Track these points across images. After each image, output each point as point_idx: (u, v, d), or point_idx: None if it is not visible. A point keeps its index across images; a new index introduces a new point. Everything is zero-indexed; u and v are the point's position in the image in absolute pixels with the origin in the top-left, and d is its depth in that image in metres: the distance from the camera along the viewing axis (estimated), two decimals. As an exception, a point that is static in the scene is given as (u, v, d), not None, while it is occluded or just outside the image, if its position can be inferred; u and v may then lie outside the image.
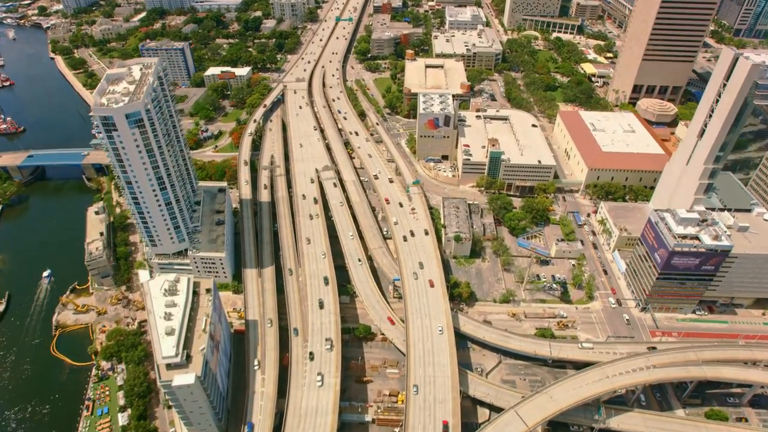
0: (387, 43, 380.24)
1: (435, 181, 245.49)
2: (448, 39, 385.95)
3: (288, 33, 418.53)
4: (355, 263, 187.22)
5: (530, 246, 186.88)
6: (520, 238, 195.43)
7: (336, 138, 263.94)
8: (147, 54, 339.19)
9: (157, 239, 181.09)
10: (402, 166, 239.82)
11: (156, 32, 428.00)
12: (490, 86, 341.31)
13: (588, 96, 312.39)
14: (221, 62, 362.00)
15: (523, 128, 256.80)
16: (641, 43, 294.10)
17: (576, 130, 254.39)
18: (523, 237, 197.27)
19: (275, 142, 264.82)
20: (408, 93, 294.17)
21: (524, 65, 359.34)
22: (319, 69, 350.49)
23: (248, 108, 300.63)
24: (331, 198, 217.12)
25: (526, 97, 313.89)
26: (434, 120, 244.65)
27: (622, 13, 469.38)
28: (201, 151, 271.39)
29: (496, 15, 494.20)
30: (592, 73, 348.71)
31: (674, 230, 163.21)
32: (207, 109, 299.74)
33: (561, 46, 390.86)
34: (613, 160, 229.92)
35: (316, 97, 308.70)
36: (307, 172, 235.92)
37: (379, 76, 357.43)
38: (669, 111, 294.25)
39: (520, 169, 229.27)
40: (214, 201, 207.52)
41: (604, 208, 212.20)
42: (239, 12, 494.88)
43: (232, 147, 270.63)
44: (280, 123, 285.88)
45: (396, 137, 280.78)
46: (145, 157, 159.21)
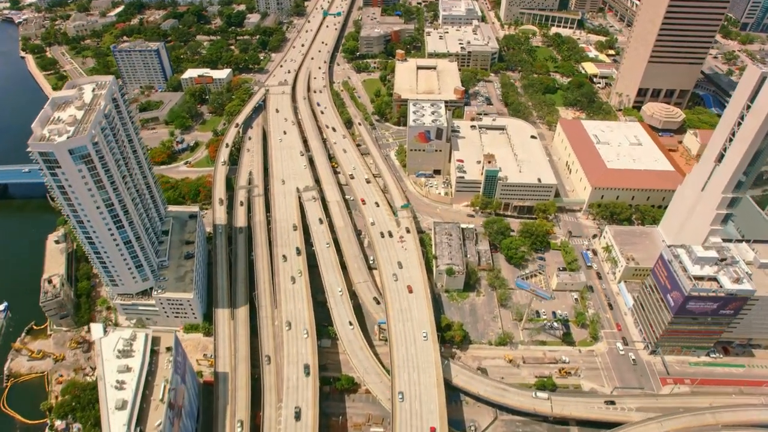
0: (376, 41, 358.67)
1: (426, 199, 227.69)
2: (442, 36, 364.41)
3: (272, 29, 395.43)
4: (336, 301, 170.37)
5: (530, 288, 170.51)
6: (518, 278, 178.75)
7: (320, 151, 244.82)
8: (119, 56, 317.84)
9: (118, 279, 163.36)
10: (390, 183, 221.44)
11: (133, 29, 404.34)
12: (486, 88, 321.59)
13: (590, 100, 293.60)
14: (201, 63, 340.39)
15: (521, 140, 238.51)
16: (647, 44, 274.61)
17: (578, 142, 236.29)
18: (521, 277, 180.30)
19: (254, 155, 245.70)
20: (398, 99, 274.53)
21: (522, 65, 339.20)
22: (304, 70, 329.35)
23: (227, 116, 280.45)
24: (313, 225, 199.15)
25: (525, 101, 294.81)
26: (425, 133, 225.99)
27: (623, 6, 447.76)
28: (175, 166, 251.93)
29: (492, 7, 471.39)
30: (593, 74, 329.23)
31: (690, 271, 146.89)
32: (183, 117, 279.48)
33: (560, 44, 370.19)
34: (618, 178, 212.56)
35: (300, 103, 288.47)
36: (288, 191, 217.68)
37: (368, 77, 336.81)
38: (676, 117, 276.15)
39: (518, 188, 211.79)
40: (184, 229, 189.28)
41: (609, 233, 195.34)
42: (222, 5, 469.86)
43: (209, 161, 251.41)
44: (261, 132, 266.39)
45: (385, 148, 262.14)
46: (97, 195, 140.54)
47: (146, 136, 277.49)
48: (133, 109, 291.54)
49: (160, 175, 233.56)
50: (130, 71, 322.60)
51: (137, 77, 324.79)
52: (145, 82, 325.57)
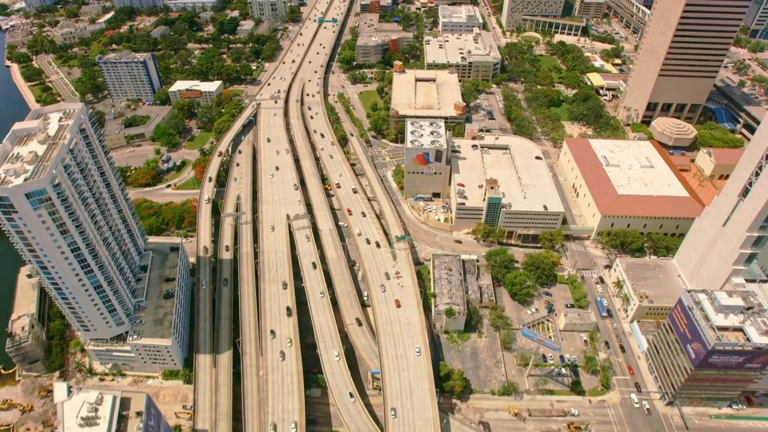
0: (374, 50, 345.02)
1: (425, 226, 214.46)
2: (441, 44, 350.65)
3: (266, 37, 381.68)
4: (327, 346, 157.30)
5: (537, 338, 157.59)
6: (524, 326, 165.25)
7: (313, 171, 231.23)
8: (105, 68, 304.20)
9: (89, 324, 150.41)
10: (386, 208, 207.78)
11: (122, 36, 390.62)
12: (488, 101, 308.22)
13: (597, 115, 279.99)
14: (191, 74, 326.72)
15: (525, 161, 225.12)
16: (657, 57, 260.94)
17: (586, 164, 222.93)
18: (527, 325, 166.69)
19: (243, 176, 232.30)
20: (395, 116, 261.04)
21: (525, 75, 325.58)
22: (297, 81, 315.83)
23: (215, 133, 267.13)
24: (303, 257, 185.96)
25: (528, 116, 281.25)
26: (424, 155, 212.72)
27: (628, 12, 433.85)
28: (159, 188, 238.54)
29: (493, 12, 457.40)
30: (600, 86, 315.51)
31: (713, 320, 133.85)
32: (169, 134, 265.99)
33: (565, 52, 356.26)
34: (630, 205, 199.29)
35: (293, 118, 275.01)
36: (277, 218, 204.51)
37: (365, 89, 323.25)
38: (688, 133, 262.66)
39: (522, 215, 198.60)
40: (165, 264, 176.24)
41: (621, 266, 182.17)
42: (215, 11, 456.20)
43: (195, 182, 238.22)
44: (251, 151, 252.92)
45: (381, 167, 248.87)
46: (60, 240, 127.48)
47: (131, 153, 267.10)
48: (119, 125, 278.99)
49: (142, 200, 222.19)
50: (117, 83, 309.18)
51: (124, 90, 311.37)
52: (132, 94, 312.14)
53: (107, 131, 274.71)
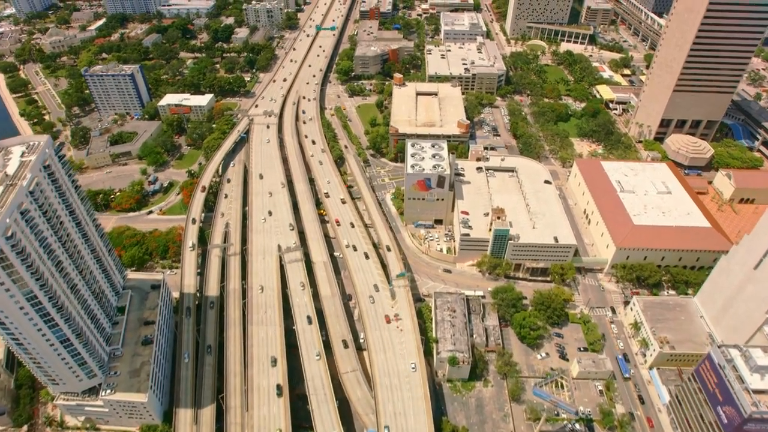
0: (373, 61, 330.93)
1: (426, 257, 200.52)
2: (444, 54, 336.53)
3: (261, 46, 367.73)
4: (319, 399, 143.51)
5: (550, 399, 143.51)
6: (535, 386, 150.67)
7: (307, 198, 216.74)
8: (91, 81, 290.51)
9: (57, 378, 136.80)
10: (385, 239, 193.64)
11: (112, 45, 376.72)
12: (492, 115, 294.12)
13: (607, 132, 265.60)
14: (182, 86, 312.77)
15: (534, 186, 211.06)
16: (673, 71, 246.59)
17: (599, 189, 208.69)
18: (539, 384, 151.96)
19: (233, 201, 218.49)
20: (395, 134, 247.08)
21: (531, 88, 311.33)
22: (293, 94, 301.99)
23: (205, 151, 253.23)
24: (295, 296, 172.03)
25: (535, 133, 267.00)
26: (425, 181, 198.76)
27: (636, 19, 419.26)
28: (144, 213, 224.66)
29: (497, 18, 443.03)
30: (609, 99, 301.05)
31: (748, 382, 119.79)
32: (157, 153, 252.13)
33: (572, 63, 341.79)
34: (647, 237, 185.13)
35: (287, 135, 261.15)
36: (268, 249, 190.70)
37: (363, 102, 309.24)
38: (704, 152, 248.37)
39: (531, 248, 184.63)
40: (145, 304, 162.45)
41: (638, 306, 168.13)
42: (210, 17, 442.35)
43: (182, 206, 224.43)
44: (242, 171, 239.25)
45: (380, 189, 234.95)
46: (18, 295, 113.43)
47: (117, 172, 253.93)
48: (104, 141, 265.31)
49: (125, 227, 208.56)
50: (104, 97, 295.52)
51: (111, 103, 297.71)
52: (120, 108, 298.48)
53: (92, 149, 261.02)
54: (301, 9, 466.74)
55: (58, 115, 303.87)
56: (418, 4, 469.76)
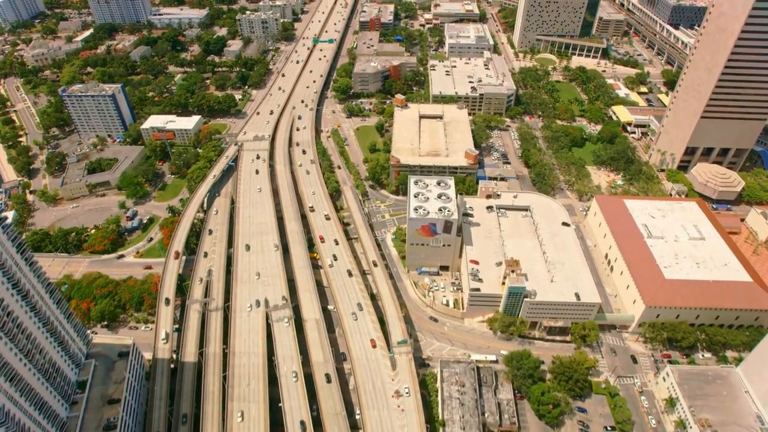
0: (373, 78, 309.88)
1: (430, 310, 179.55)
2: (448, 71, 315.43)
3: (254, 61, 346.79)
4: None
5: None
6: None
7: (299, 239, 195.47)
8: (69, 101, 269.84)
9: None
10: (385, 294, 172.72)
11: (98, 59, 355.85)
12: (501, 139, 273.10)
13: (627, 160, 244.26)
14: (168, 105, 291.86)
15: (550, 227, 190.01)
16: (701, 96, 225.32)
17: (623, 233, 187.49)
18: None
19: (218, 243, 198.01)
20: (397, 165, 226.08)
21: (543, 108, 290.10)
22: (287, 115, 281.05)
23: (189, 182, 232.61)
24: (283, 362, 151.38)
25: (548, 162, 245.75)
26: (430, 226, 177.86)
27: (651, 30, 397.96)
28: (119, 255, 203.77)
29: (503, 29, 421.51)
30: (627, 122, 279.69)
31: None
32: (137, 185, 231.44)
33: (586, 80, 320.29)
34: (680, 294, 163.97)
35: (279, 164, 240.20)
36: (254, 303, 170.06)
37: (363, 124, 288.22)
38: (734, 185, 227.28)
39: (550, 306, 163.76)
40: (110, 377, 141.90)
41: (672, 377, 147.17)
42: (202, 27, 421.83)
43: (161, 248, 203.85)
44: (229, 205, 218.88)
45: (380, 228, 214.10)
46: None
47: (94, 205, 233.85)
48: (81, 170, 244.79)
49: (96, 274, 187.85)
50: (83, 118, 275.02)
51: (91, 125, 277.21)
52: (101, 130, 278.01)
53: (67, 178, 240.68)
54: (299, 18, 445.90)
55: (36, 137, 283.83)
56: (420, 14, 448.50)
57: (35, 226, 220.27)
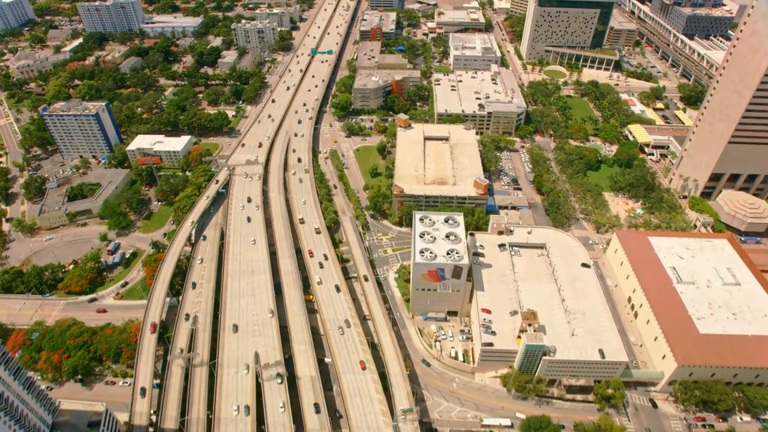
0: (374, 94, 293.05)
1: (437, 363, 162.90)
2: (454, 86, 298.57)
3: (249, 74, 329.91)
4: None
5: None
6: None
7: (293, 280, 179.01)
8: (51, 121, 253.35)
9: None
10: (387, 347, 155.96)
11: (85, 71, 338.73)
12: (511, 161, 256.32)
13: (648, 187, 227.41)
14: (157, 124, 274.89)
15: (569, 269, 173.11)
16: (729, 120, 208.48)
17: (649, 276, 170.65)
18: None
19: (205, 283, 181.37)
20: (400, 195, 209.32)
21: (554, 127, 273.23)
22: (282, 135, 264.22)
23: (175, 215, 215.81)
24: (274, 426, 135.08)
25: (563, 189, 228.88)
26: (438, 272, 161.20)
27: (664, 40, 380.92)
28: (98, 296, 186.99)
29: (510, 39, 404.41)
30: (645, 143, 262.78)
31: None
32: (120, 214, 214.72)
33: (599, 96, 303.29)
34: (716, 350, 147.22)
35: (274, 192, 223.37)
36: (243, 357, 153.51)
37: (363, 143, 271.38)
38: (764, 215, 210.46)
39: (571, 365, 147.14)
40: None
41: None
42: (197, 37, 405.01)
43: (144, 288, 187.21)
44: (218, 237, 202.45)
45: (382, 265, 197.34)
46: None
47: (75, 235, 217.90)
48: (62, 196, 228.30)
49: (71, 321, 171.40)
50: (66, 139, 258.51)
51: (75, 145, 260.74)
52: (85, 150, 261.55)
53: (46, 205, 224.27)
54: (297, 27, 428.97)
55: (17, 157, 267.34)
56: (424, 22, 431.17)
57: (9, 261, 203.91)
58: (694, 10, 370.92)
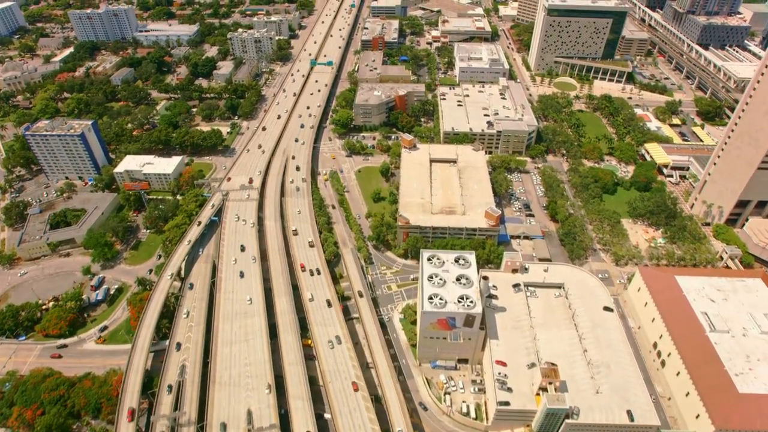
0: (376, 110, 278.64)
1: (446, 420, 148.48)
2: (461, 101, 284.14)
3: (245, 87, 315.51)
4: None
5: None
6: None
7: (289, 321, 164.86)
8: (34, 141, 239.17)
9: None
10: (393, 404, 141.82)
11: (75, 83, 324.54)
12: (522, 183, 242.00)
13: (669, 215, 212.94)
14: (148, 142, 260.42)
15: (590, 315, 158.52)
16: (759, 145, 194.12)
17: (678, 322, 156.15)
18: None
19: (193, 329, 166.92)
20: (405, 226, 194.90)
21: (567, 146, 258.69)
22: (279, 155, 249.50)
23: (164, 243, 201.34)
24: None
25: (579, 217, 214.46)
26: (448, 320, 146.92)
27: (677, 50, 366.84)
28: (77, 341, 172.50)
29: (517, 48, 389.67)
30: (663, 163, 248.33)
31: None
32: (105, 245, 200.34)
33: (613, 112, 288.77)
34: (759, 413, 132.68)
35: (269, 220, 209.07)
36: (233, 416, 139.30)
37: (365, 164, 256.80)
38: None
39: (595, 428, 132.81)
40: None
41: None
42: (192, 45, 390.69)
43: (128, 331, 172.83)
44: (209, 272, 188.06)
45: (386, 303, 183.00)
46: None
47: (57, 267, 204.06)
48: (44, 223, 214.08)
49: (47, 371, 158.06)
50: (50, 160, 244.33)
51: (60, 167, 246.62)
52: (70, 171, 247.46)
53: (27, 234, 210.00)
54: (296, 35, 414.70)
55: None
56: (427, 30, 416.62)
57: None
58: (709, 19, 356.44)
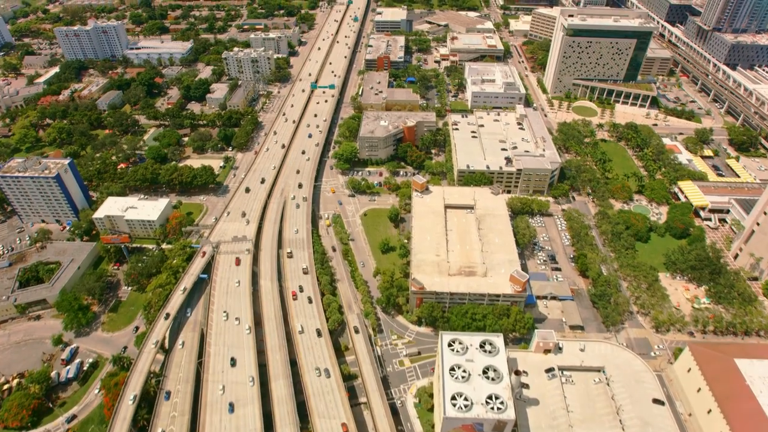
0: (383, 143, 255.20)
1: None
2: (475, 132, 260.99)
3: (240, 114, 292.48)
4: None
5: None
6: None
7: (288, 413, 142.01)
8: (4, 183, 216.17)
9: None
10: None
11: (58, 109, 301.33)
12: (546, 229, 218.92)
13: (714, 271, 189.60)
14: (133, 180, 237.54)
15: (638, 409, 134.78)
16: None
17: (743, 420, 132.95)
18: None
19: (177, 419, 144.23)
20: (419, 291, 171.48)
21: (594, 185, 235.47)
22: (276, 196, 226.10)
23: (146, 308, 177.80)
24: None
25: (613, 274, 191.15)
26: (474, 426, 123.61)
27: (703, 70, 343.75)
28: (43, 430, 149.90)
29: (531, 68, 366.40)
30: (700, 206, 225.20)
31: None
32: (79, 311, 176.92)
33: (640, 143, 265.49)
34: None
35: (265, 278, 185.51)
36: None
37: (372, 206, 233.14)
38: None
39: None
40: None
41: None
42: (185, 64, 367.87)
43: (101, 421, 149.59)
44: (197, 342, 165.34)
45: (398, 382, 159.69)
46: None
47: (25, 333, 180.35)
48: (12, 280, 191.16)
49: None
50: (24, 202, 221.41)
51: (35, 209, 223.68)
52: (46, 215, 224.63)
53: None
54: (295, 52, 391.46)
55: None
56: (435, 47, 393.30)
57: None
58: (737, 38, 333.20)
